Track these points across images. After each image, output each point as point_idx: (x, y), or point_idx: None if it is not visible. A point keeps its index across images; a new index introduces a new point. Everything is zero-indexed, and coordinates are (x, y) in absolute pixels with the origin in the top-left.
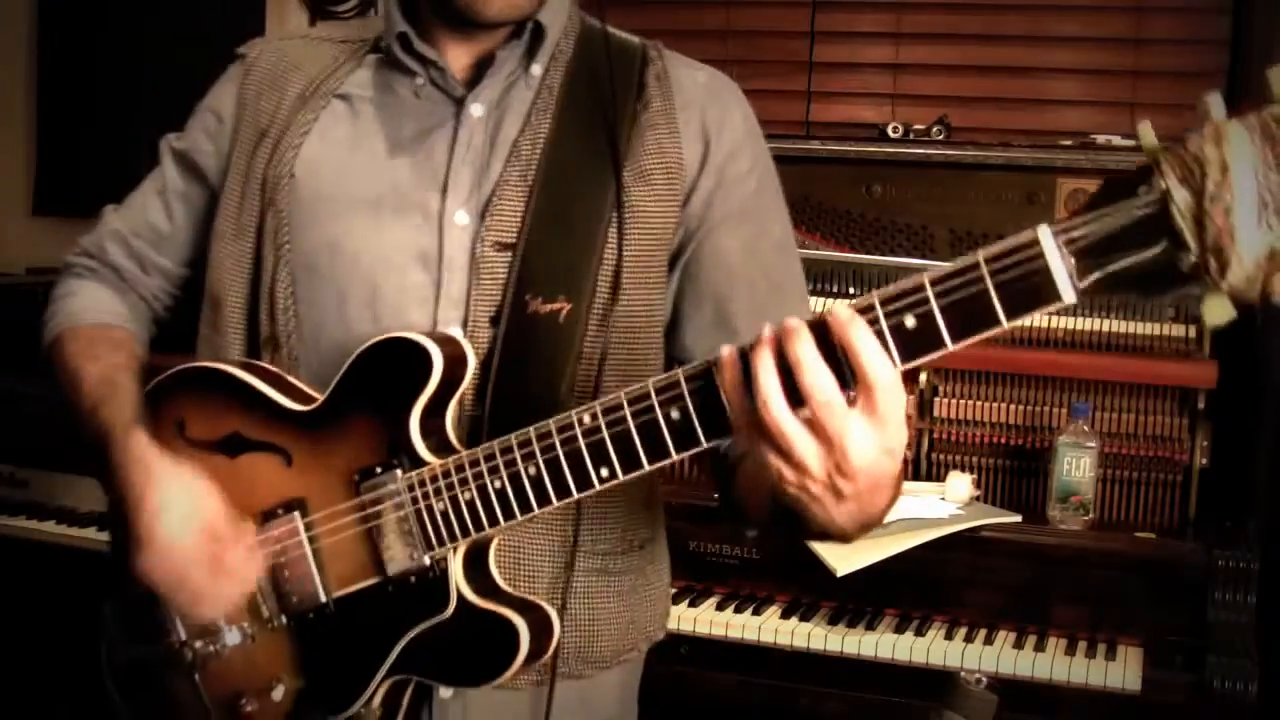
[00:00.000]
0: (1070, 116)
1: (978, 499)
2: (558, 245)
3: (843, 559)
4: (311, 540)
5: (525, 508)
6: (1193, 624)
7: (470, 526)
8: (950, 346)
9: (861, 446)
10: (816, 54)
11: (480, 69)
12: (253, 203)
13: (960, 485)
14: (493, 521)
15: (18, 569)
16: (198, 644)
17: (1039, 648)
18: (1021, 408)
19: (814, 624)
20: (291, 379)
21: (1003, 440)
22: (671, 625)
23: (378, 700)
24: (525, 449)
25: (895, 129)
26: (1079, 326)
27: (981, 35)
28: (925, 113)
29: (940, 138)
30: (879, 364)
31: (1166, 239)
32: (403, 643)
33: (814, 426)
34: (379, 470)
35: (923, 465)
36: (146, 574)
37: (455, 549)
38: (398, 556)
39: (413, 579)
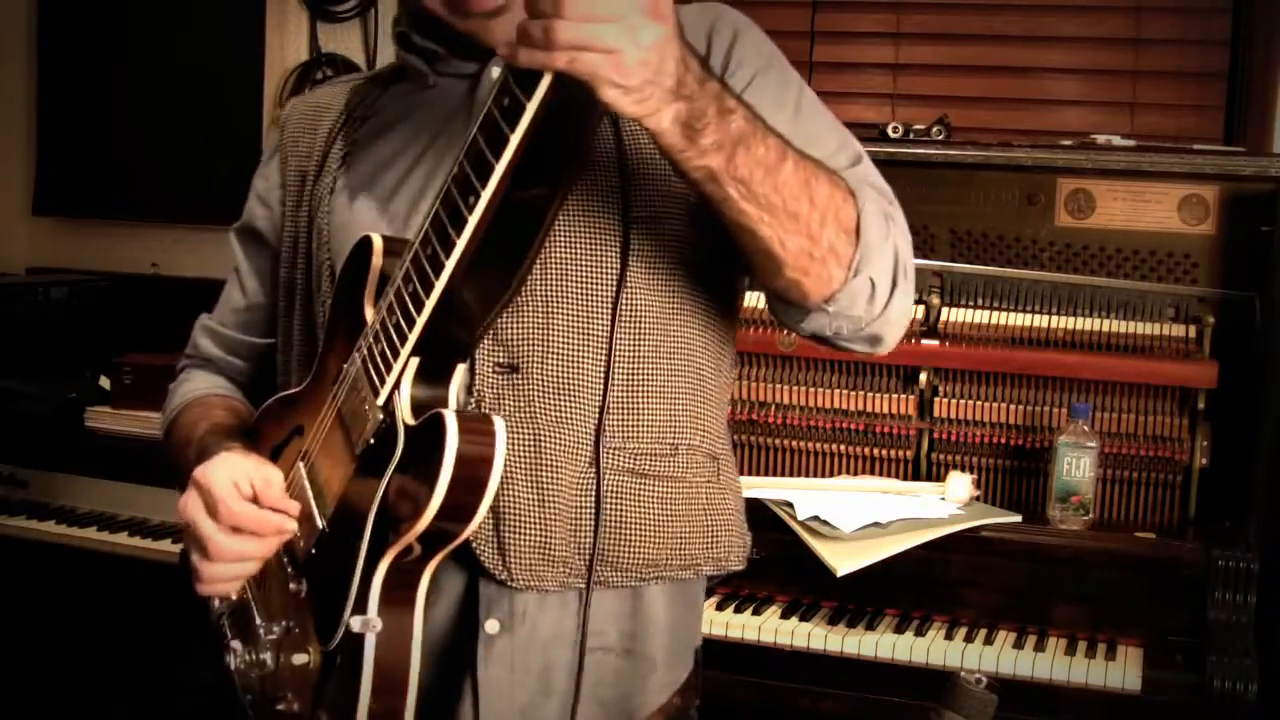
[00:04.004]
0: (1070, 116)
1: (978, 499)
2: (538, 158)
3: (843, 559)
4: (309, 471)
5: (426, 286)
6: (1193, 624)
7: (396, 340)
8: None
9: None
10: (816, 54)
11: None
12: (303, 240)
13: (960, 485)
14: (409, 321)
15: (18, 569)
16: (240, 653)
17: (1039, 648)
18: (1021, 408)
19: (814, 624)
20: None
21: (1003, 440)
22: None
23: (372, 607)
24: (421, 238)
25: (895, 129)
26: (1079, 326)
27: (981, 35)
28: (925, 113)
29: (940, 138)
30: None
31: None
32: (372, 515)
33: None
34: (346, 366)
35: (923, 465)
36: (182, 510)
37: (399, 381)
38: (361, 422)
39: (373, 441)
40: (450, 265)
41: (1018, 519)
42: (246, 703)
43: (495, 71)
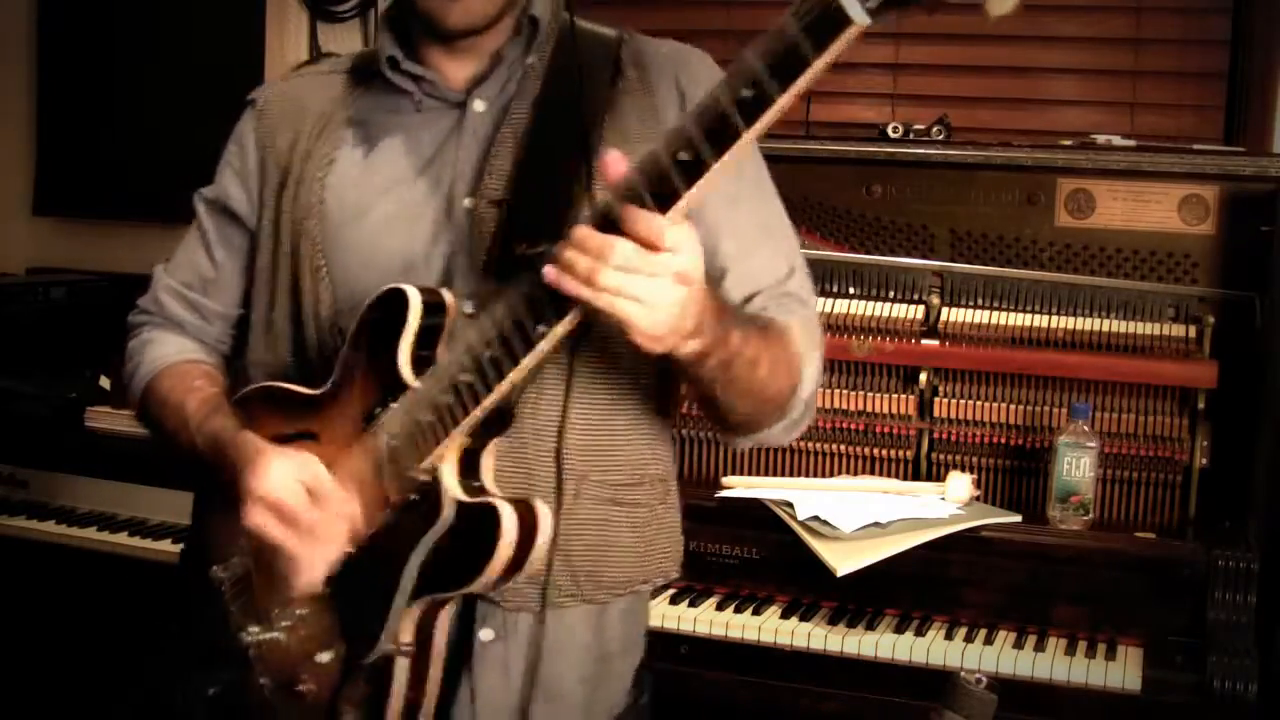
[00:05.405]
0: (1070, 116)
1: (978, 499)
2: (540, 198)
3: (843, 559)
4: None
5: (487, 388)
6: (1193, 624)
7: (451, 421)
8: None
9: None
10: None
11: (491, 69)
12: (286, 234)
13: (960, 485)
14: (464, 410)
15: (18, 569)
16: (256, 634)
17: (1039, 648)
18: (1021, 408)
19: (814, 624)
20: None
21: (1003, 440)
22: (671, 625)
23: (408, 634)
24: (485, 337)
25: (895, 129)
26: (1079, 326)
27: (981, 35)
28: (925, 113)
29: (940, 138)
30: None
31: None
32: (415, 563)
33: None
34: (378, 411)
35: (923, 465)
36: (252, 523)
37: (445, 456)
38: (398, 480)
39: (414, 497)
40: (505, 381)
41: (1018, 519)
42: (261, 679)
43: (479, 104)
